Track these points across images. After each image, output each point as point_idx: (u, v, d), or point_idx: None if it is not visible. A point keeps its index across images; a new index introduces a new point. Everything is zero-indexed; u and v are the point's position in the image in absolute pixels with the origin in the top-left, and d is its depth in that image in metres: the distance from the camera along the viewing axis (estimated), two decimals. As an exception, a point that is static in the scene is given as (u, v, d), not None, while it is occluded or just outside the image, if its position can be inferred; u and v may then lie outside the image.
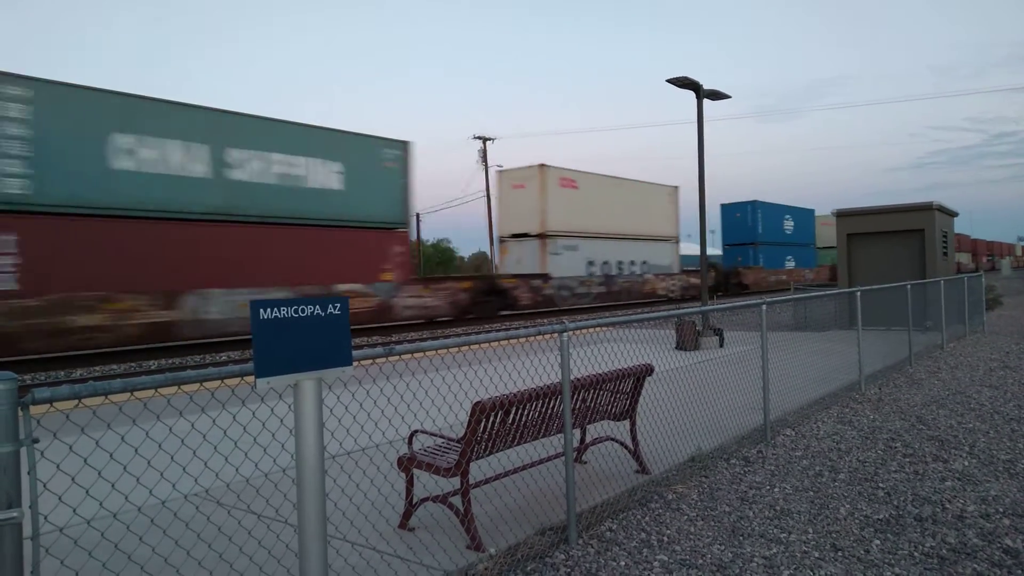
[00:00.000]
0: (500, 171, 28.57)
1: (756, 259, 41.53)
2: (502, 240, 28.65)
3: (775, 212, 43.83)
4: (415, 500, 4.46)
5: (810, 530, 4.32)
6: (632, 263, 31.24)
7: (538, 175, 27.08)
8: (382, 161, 19.51)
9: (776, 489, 5.12)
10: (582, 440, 5.73)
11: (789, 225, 45.18)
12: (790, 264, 44.84)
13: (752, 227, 41.60)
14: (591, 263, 28.73)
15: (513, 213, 28.09)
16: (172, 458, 3.17)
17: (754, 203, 41.96)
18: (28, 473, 2.13)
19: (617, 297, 29.69)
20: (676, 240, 34.88)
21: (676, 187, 34.82)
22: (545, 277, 26.34)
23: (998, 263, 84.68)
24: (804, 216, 48.32)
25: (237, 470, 3.75)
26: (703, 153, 15.11)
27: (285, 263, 17.14)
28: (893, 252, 16.83)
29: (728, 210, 42.98)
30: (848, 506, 4.73)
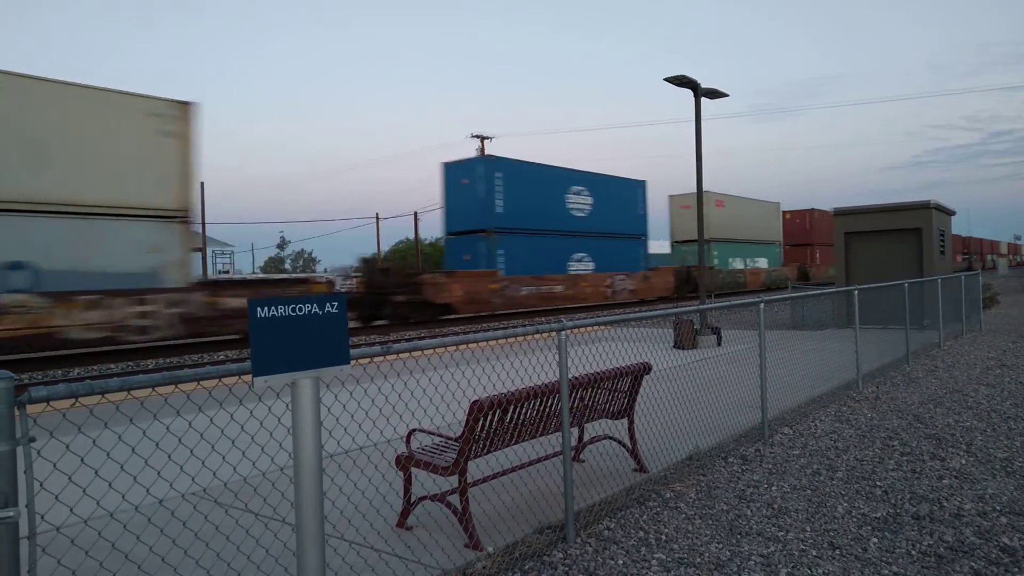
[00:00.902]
0: None
1: (491, 258, 23.60)
2: None
3: (541, 180, 25.53)
4: (413, 499, 4.46)
5: (808, 528, 4.33)
6: None
7: None
8: None
9: (774, 487, 5.12)
10: (580, 439, 5.73)
11: (580, 203, 27.52)
12: (582, 267, 27.72)
13: (486, 203, 23.52)
14: None
15: None
16: (169, 457, 3.16)
17: (491, 161, 23.68)
18: (24, 472, 2.13)
19: None
20: (184, 218, 15.41)
21: (187, 103, 15.38)
22: None
23: (975, 262, 75.28)
24: (619, 191, 29.78)
25: (235, 469, 3.75)
26: (701, 151, 15.10)
27: None
28: (891, 251, 16.86)
29: (452, 174, 24.71)
30: (846, 504, 4.74)
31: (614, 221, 29.84)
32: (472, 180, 24.08)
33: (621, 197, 30.20)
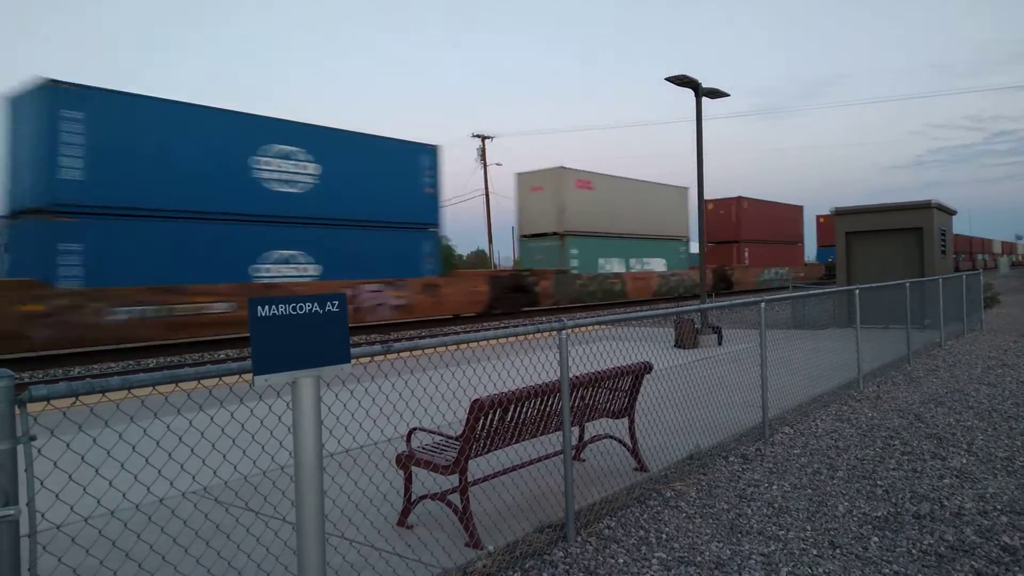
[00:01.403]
0: None
1: (47, 256, 13.71)
2: None
3: (192, 130, 15.81)
4: (413, 498, 4.46)
5: (808, 527, 4.32)
6: None
7: None
8: None
9: (774, 487, 5.12)
10: (581, 438, 5.73)
11: (290, 172, 17.65)
12: (290, 272, 17.67)
13: (43, 163, 13.85)
14: None
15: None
16: (170, 455, 3.16)
17: (57, 91, 13.66)
18: (25, 470, 2.13)
19: None
20: None
21: None
22: None
23: (962, 262, 65.08)
24: (379, 159, 19.83)
25: (235, 467, 3.75)
26: (702, 151, 15.09)
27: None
28: (892, 250, 16.85)
29: (19, 117, 14.73)
30: (846, 504, 4.73)
31: (370, 202, 19.54)
32: (36, 126, 14.16)
33: (385, 168, 19.97)
